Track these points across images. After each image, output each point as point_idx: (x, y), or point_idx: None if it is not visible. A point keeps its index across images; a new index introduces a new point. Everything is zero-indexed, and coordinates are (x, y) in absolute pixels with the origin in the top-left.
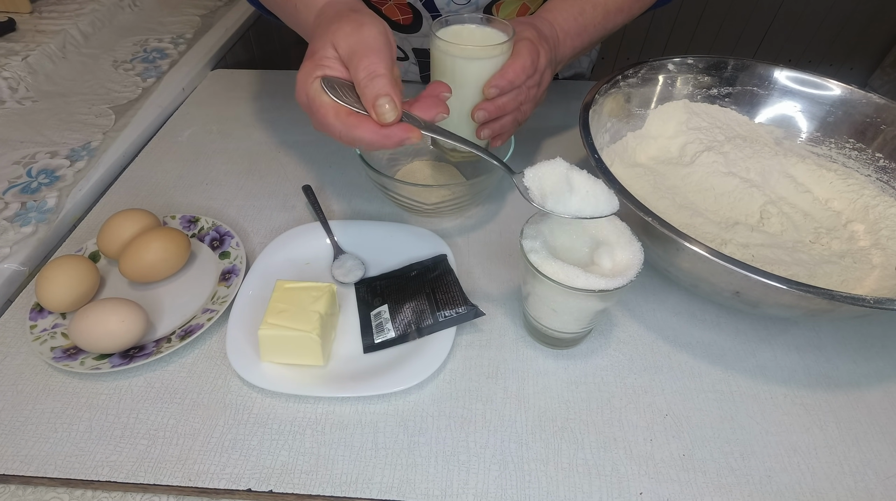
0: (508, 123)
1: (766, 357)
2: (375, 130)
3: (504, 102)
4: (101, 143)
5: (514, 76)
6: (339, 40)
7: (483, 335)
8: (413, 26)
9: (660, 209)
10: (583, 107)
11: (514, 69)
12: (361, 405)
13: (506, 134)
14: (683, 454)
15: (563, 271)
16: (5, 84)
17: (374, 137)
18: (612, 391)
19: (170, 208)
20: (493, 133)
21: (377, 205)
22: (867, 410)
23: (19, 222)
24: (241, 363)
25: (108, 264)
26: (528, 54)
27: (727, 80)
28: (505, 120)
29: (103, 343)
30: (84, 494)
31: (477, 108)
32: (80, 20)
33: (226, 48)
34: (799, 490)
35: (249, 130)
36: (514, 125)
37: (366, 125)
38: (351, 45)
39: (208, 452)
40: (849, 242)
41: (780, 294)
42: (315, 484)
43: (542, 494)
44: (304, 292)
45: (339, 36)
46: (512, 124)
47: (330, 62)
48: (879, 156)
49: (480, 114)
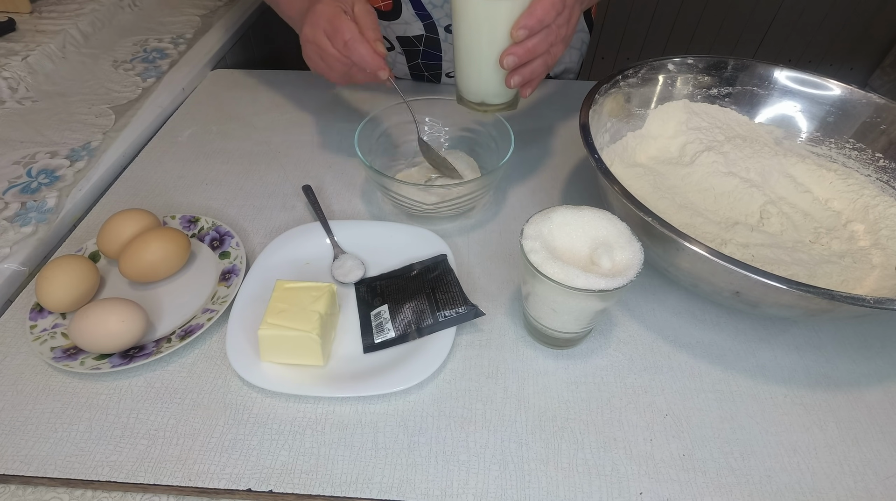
0: (539, 68)
1: (766, 357)
2: (372, 52)
3: (534, 43)
4: (101, 143)
5: (543, 14)
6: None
7: (483, 335)
8: (393, 13)
9: (660, 209)
10: (583, 107)
11: (543, 6)
12: (361, 405)
13: (536, 79)
14: (683, 454)
15: (563, 271)
16: (5, 84)
17: (368, 53)
18: (612, 391)
19: (170, 208)
20: (524, 80)
21: (377, 205)
22: (867, 410)
23: (19, 222)
24: (241, 363)
25: (108, 264)
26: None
27: (727, 80)
28: (535, 64)
29: (103, 343)
30: (84, 494)
31: (506, 53)
32: (80, 20)
33: (226, 48)
34: (799, 490)
35: (249, 130)
36: (544, 69)
37: (367, 45)
38: (365, 7)
39: (208, 452)
40: (849, 242)
41: (780, 294)
42: (315, 484)
43: (542, 494)
44: (304, 292)
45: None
46: (542, 68)
47: (347, 7)
48: (879, 156)
49: (510, 59)
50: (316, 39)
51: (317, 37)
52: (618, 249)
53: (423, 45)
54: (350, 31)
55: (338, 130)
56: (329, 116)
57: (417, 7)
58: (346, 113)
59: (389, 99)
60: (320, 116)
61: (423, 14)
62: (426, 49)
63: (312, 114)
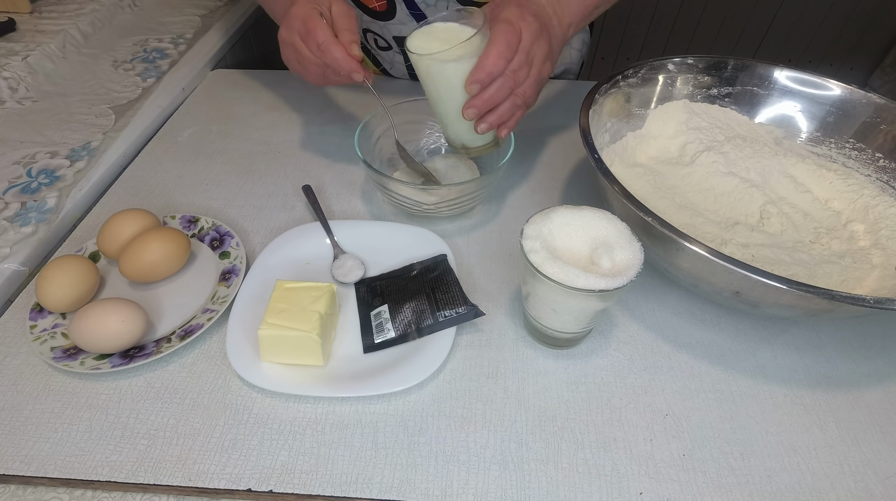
0: (506, 111)
1: (766, 357)
2: (346, 54)
3: (491, 94)
4: (101, 143)
5: (492, 67)
6: (335, 1)
7: (483, 335)
8: (388, 13)
9: (660, 209)
10: (583, 107)
11: (490, 59)
12: (361, 405)
13: (509, 121)
14: (683, 454)
15: (563, 271)
16: (5, 84)
17: (342, 56)
18: (612, 391)
19: (170, 208)
20: (492, 125)
21: (377, 205)
22: (867, 410)
23: (19, 222)
24: (241, 363)
25: (108, 264)
26: (503, 39)
27: (727, 80)
28: (501, 109)
29: (103, 343)
30: (84, 494)
31: (465, 106)
32: (80, 20)
33: (226, 48)
34: (799, 490)
35: (249, 131)
36: (514, 110)
37: (341, 47)
38: (343, 9)
39: (208, 452)
40: (849, 242)
41: (780, 294)
42: (315, 484)
43: (542, 494)
44: (304, 292)
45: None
46: (512, 110)
47: (324, 9)
48: (879, 156)
49: (469, 112)
50: (291, 41)
51: (292, 38)
52: (618, 249)
53: None
54: (324, 33)
55: (338, 130)
56: (329, 116)
57: (411, 7)
58: (347, 113)
59: (389, 99)
60: (320, 116)
61: (417, 14)
62: None
63: (313, 114)
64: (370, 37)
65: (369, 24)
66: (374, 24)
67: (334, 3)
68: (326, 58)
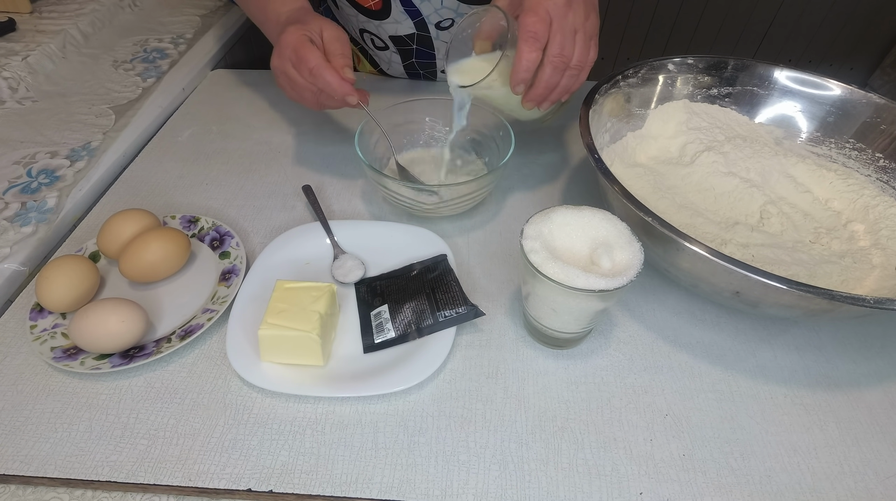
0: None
1: (766, 357)
2: (339, 78)
3: (545, 82)
4: (101, 143)
5: (525, 65)
6: (326, 26)
7: (483, 335)
8: (383, 12)
9: (660, 209)
10: (583, 107)
11: (521, 63)
12: (361, 405)
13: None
14: (683, 454)
15: (563, 272)
16: (5, 84)
17: (335, 80)
18: (612, 391)
19: (170, 208)
20: (555, 100)
21: (377, 205)
22: (867, 410)
23: (19, 222)
24: (241, 363)
25: (108, 264)
26: (529, 35)
27: (727, 80)
28: (561, 86)
29: (103, 343)
30: (84, 494)
31: (524, 100)
32: (80, 20)
33: (226, 48)
34: (799, 490)
35: (249, 131)
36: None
37: (333, 72)
38: (334, 33)
39: (208, 452)
40: (849, 242)
41: (780, 294)
42: (315, 484)
43: (542, 494)
44: (304, 292)
45: (326, 24)
46: (571, 81)
47: (314, 35)
48: (879, 156)
49: (529, 104)
50: (284, 69)
51: (284, 67)
52: (618, 249)
53: (416, 43)
54: (315, 58)
55: (338, 130)
56: (329, 116)
57: (405, 3)
58: (347, 113)
59: (387, 99)
60: (320, 115)
61: (412, 11)
62: (419, 48)
63: (312, 114)
64: (367, 37)
65: (365, 24)
66: (370, 24)
67: (325, 27)
68: (319, 83)
